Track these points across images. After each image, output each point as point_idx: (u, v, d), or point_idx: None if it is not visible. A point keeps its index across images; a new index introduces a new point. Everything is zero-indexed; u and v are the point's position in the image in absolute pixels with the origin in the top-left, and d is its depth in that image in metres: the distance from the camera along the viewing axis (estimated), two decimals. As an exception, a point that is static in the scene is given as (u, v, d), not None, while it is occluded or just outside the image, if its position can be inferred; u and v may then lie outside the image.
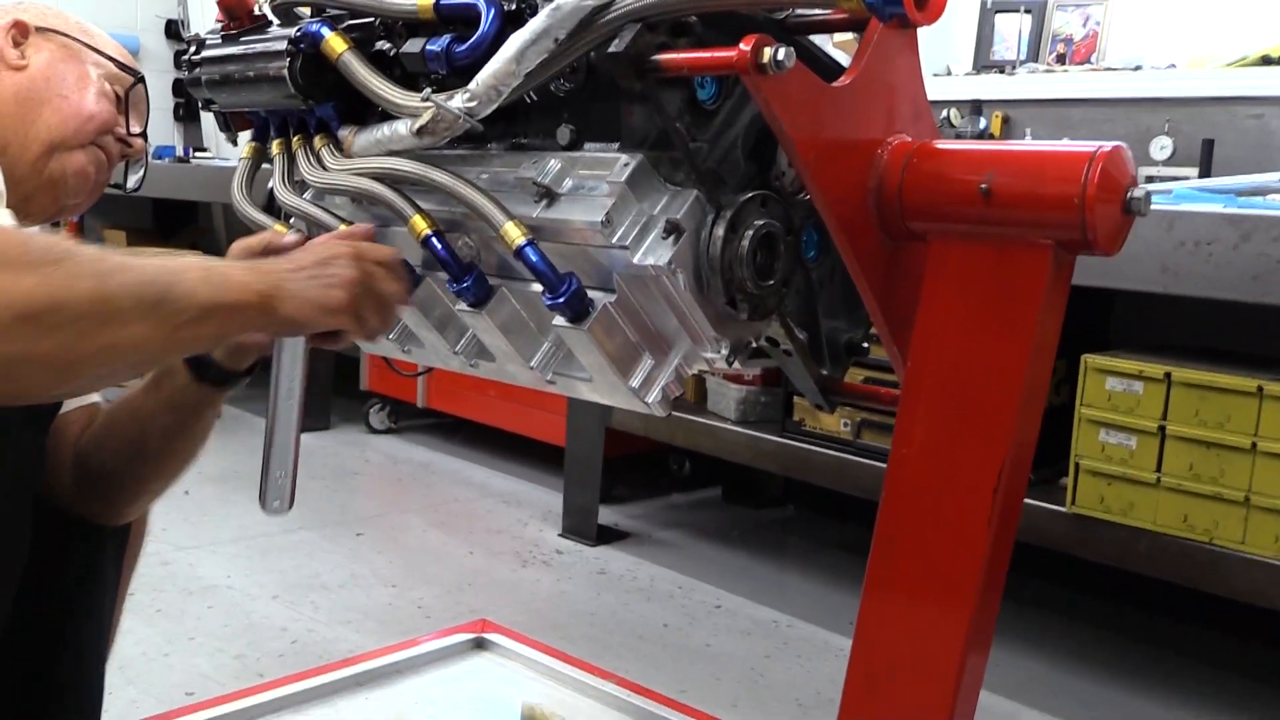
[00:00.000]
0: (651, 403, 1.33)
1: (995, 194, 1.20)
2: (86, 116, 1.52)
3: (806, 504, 4.14)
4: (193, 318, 1.05)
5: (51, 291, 0.95)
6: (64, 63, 1.54)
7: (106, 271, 1.00)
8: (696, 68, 1.20)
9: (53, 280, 0.95)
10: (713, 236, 1.26)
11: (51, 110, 1.50)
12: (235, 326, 1.12)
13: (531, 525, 3.88)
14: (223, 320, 1.09)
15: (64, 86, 1.52)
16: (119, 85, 1.59)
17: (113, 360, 1.00)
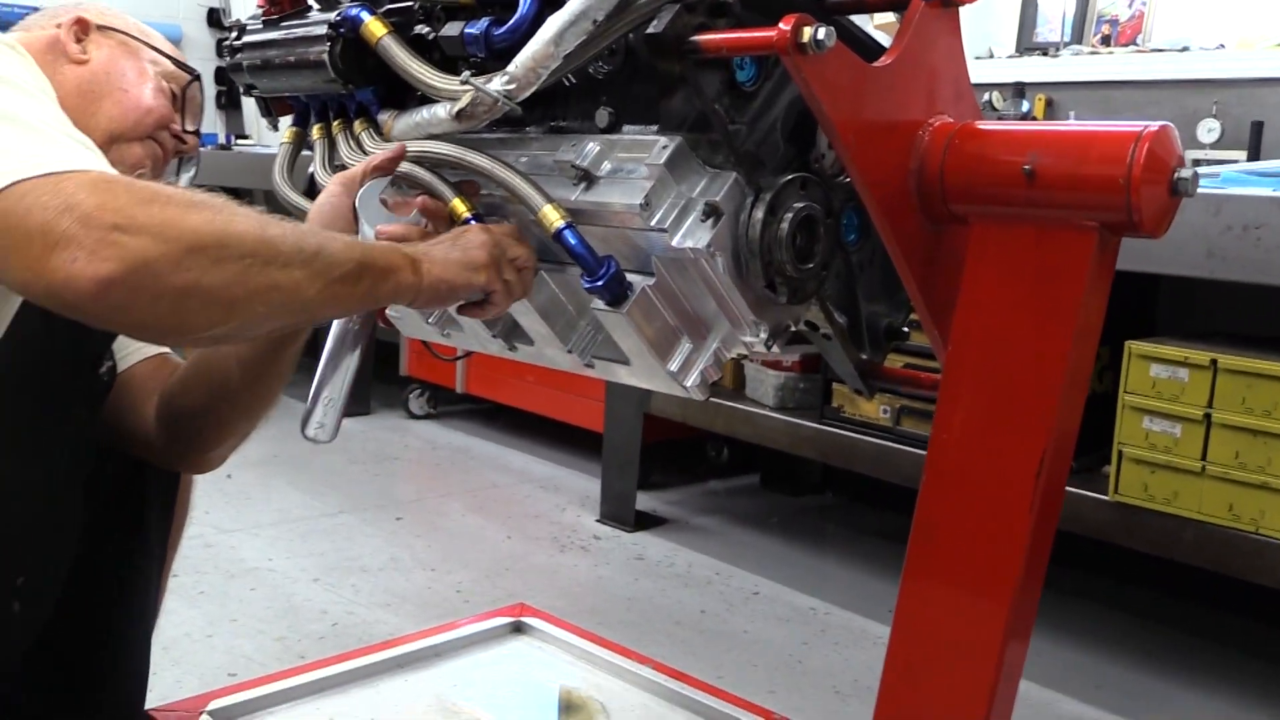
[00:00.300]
0: (690, 386, 1.33)
1: (1039, 175, 1.19)
2: (145, 110, 1.56)
3: (845, 491, 4.13)
4: (348, 273, 1.10)
5: (220, 228, 1.00)
6: (124, 58, 1.58)
7: (265, 221, 1.06)
8: (735, 48, 1.19)
9: (219, 218, 1.01)
10: (752, 219, 1.25)
11: (112, 103, 1.53)
12: (386, 288, 1.16)
13: (569, 510, 3.89)
14: (375, 279, 1.14)
15: (124, 81, 1.56)
16: (175, 83, 1.63)
17: (271, 301, 1.04)
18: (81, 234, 0.95)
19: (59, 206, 0.96)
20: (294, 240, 1.07)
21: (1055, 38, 4.24)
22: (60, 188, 0.97)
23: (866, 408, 3.06)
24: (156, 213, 0.98)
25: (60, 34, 1.54)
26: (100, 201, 0.97)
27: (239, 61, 1.57)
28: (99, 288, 0.95)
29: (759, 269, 1.25)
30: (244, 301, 1.02)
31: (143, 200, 0.98)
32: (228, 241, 1.01)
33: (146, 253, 0.96)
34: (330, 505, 3.83)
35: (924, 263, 1.32)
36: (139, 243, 0.96)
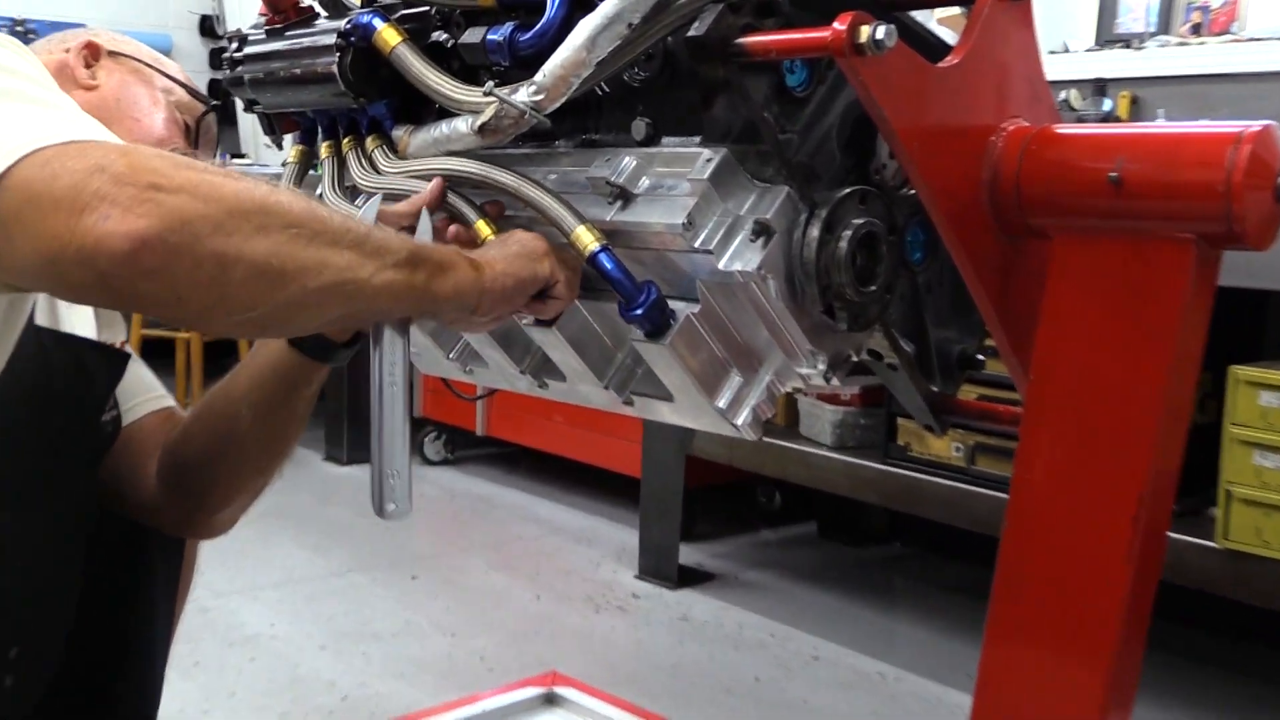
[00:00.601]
0: (741, 425, 1.34)
1: (1127, 182, 1.19)
2: (158, 140, 1.60)
3: (914, 540, 4.11)
4: (402, 260, 1.11)
5: (264, 195, 1.02)
6: (136, 85, 1.63)
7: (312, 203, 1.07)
8: (786, 50, 1.21)
9: (260, 188, 1.03)
10: (807, 238, 1.26)
11: (123, 131, 1.56)
12: (446, 286, 1.17)
13: (604, 566, 3.90)
14: (432, 271, 1.15)
15: (135, 109, 1.61)
16: (189, 114, 1.68)
17: (324, 280, 1.05)
18: (115, 191, 0.95)
19: (89, 168, 0.96)
20: (342, 220, 1.08)
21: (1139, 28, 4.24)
22: (87, 151, 0.98)
23: (937, 446, 3.05)
24: (194, 176, 0.99)
25: (69, 58, 1.58)
26: (133, 162, 0.98)
27: (239, 75, 1.61)
28: (134, 246, 0.95)
29: (815, 293, 1.27)
30: (293, 275, 1.03)
31: (178, 164, 1.00)
32: (271, 209, 1.02)
33: (185, 210, 0.97)
34: (338, 564, 3.86)
35: (1000, 282, 1.33)
36: (177, 200, 0.96)
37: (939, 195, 1.25)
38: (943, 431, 1.56)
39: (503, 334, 1.52)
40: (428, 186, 1.40)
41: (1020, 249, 1.32)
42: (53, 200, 0.96)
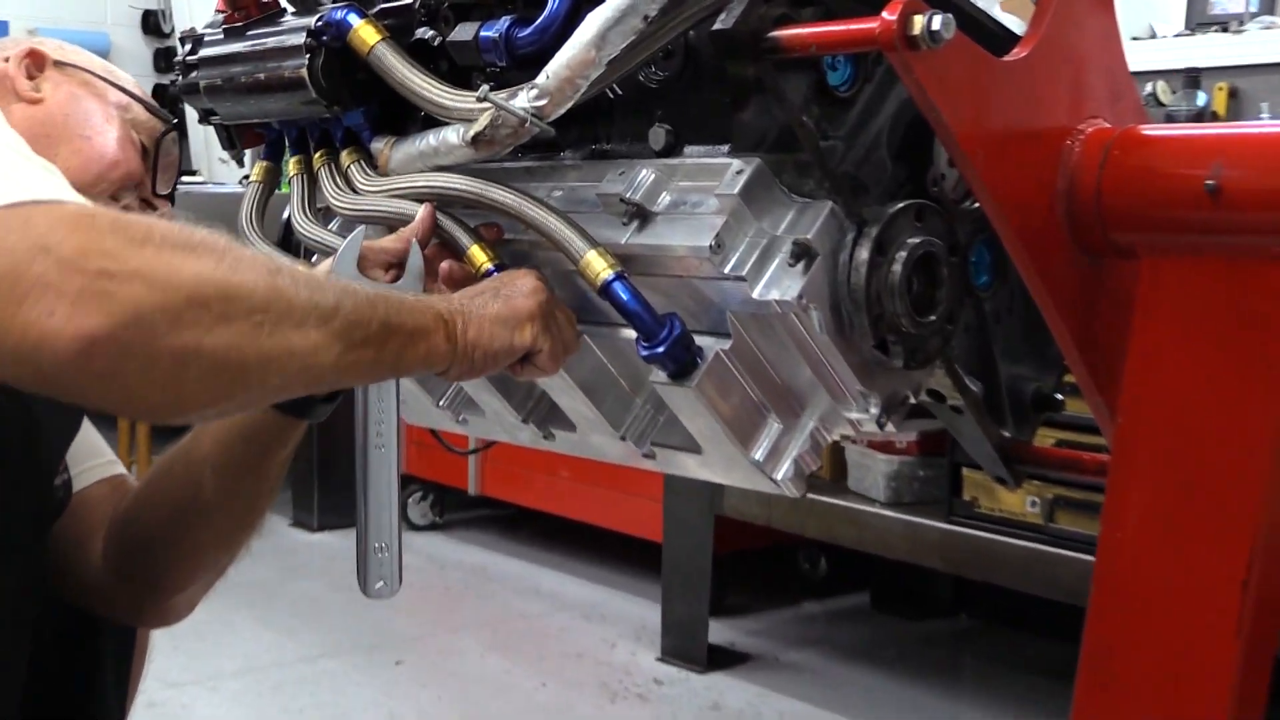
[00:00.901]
0: (781, 480, 1.34)
1: (1225, 191, 1.20)
2: (110, 162, 1.61)
3: (984, 612, 4.09)
4: (371, 335, 1.14)
5: (225, 277, 1.04)
6: (87, 100, 1.63)
7: (278, 268, 1.09)
8: (827, 45, 1.22)
9: (223, 265, 1.05)
10: (854, 261, 1.27)
11: (71, 151, 1.58)
12: (414, 356, 1.21)
13: (621, 647, 3.89)
14: (402, 344, 1.18)
15: (85, 126, 1.61)
16: (146, 135, 1.68)
17: (285, 368, 1.08)
18: (61, 280, 0.96)
19: (31, 246, 0.97)
20: (308, 293, 1.10)
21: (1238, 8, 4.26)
22: (31, 223, 0.99)
23: (1009, 501, 3.05)
24: (151, 256, 1.00)
25: (8, 68, 1.59)
26: (83, 241, 0.99)
27: (194, 81, 1.62)
28: (82, 347, 0.96)
29: (866, 325, 1.27)
30: (254, 368, 1.06)
31: (134, 240, 1.01)
32: (234, 294, 1.04)
33: (140, 303, 0.98)
34: (309, 648, 3.85)
35: (1080, 309, 1.33)
36: (131, 291, 0.98)
37: (1007, 209, 1.26)
38: (1016, 484, 1.56)
39: (501, 378, 1.53)
40: (416, 212, 1.42)
41: (1103, 270, 1.33)
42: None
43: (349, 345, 1.12)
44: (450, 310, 1.24)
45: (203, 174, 6.40)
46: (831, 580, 4.28)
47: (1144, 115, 1.39)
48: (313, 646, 3.85)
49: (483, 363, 1.27)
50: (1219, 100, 3.93)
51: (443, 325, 1.22)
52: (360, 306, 1.14)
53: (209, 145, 6.36)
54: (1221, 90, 3.94)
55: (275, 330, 1.06)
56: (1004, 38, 1.36)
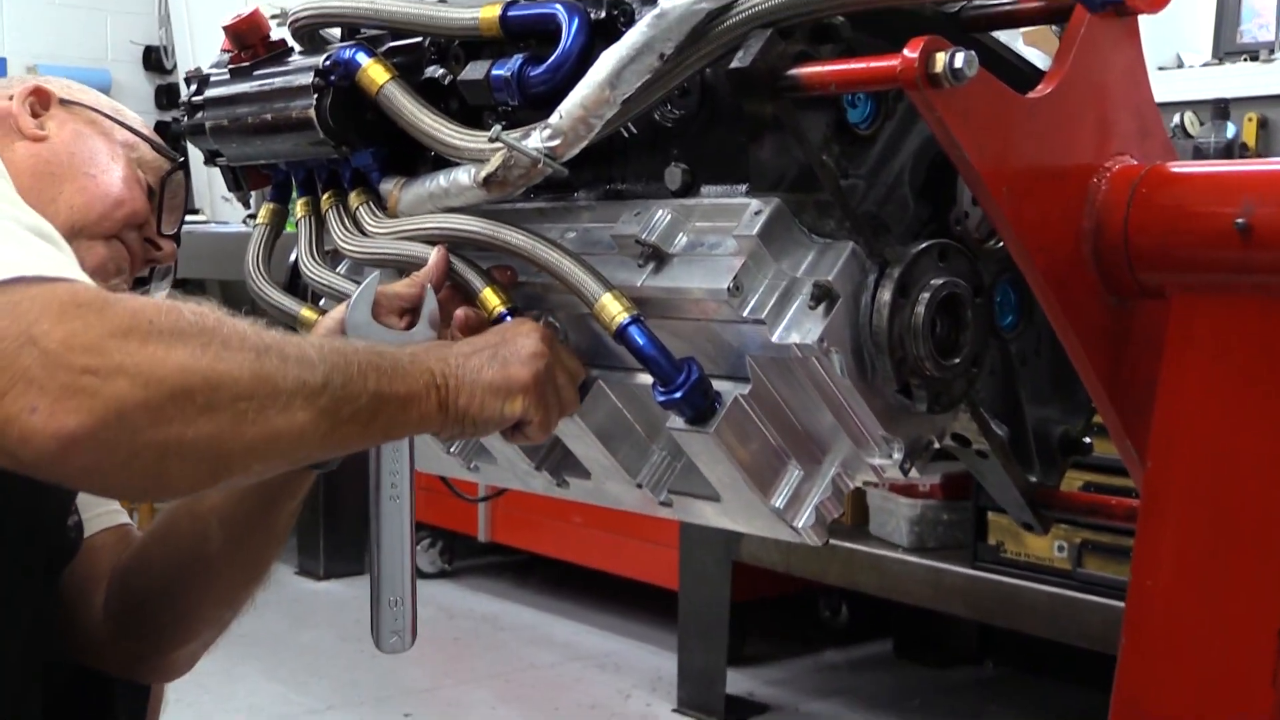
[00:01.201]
0: (802, 528, 1.34)
1: (1257, 230, 1.20)
2: (114, 201, 1.62)
3: (1010, 660, 4.07)
4: (360, 409, 1.16)
5: (209, 365, 1.06)
6: (92, 138, 1.65)
7: (265, 347, 1.11)
8: (847, 83, 1.23)
9: (208, 352, 1.07)
10: (877, 303, 1.27)
11: (75, 189, 1.59)
12: (404, 424, 1.24)
13: (636, 698, 3.88)
14: (392, 415, 1.21)
15: (91, 164, 1.62)
16: (152, 174, 1.69)
17: (269, 453, 1.11)
18: (44, 376, 0.99)
19: (17, 336, 1.00)
20: (296, 371, 1.12)
21: (1268, 36, 4.26)
22: (18, 309, 1.01)
23: (1036, 546, 3.04)
24: (135, 349, 1.03)
25: (13, 105, 1.61)
26: (68, 333, 1.01)
27: (200, 122, 1.64)
28: (62, 446, 0.99)
29: (889, 368, 1.28)
30: (235, 456, 1.08)
31: (119, 331, 1.03)
32: (220, 382, 1.06)
33: (122, 401, 1.01)
34: (316, 700, 3.85)
35: (1107, 350, 1.33)
36: (114, 388, 1.01)
37: (1032, 249, 1.27)
38: (1044, 529, 1.56)
39: (514, 423, 1.53)
40: (426, 254, 1.42)
41: (1131, 311, 1.33)
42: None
43: (337, 422, 1.14)
44: (445, 372, 1.25)
45: (206, 213, 6.41)
46: (853, 628, 4.26)
47: (1172, 152, 1.40)
48: (320, 699, 3.84)
49: (473, 430, 1.30)
50: (1248, 131, 3.93)
51: (435, 391, 1.24)
52: (351, 380, 1.16)
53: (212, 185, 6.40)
54: (1251, 121, 3.94)
55: (260, 416, 1.08)
56: (1028, 74, 1.37)
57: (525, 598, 4.83)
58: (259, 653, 4.19)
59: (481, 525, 4.85)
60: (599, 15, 1.37)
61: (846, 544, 3.39)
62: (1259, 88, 4.01)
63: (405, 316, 1.41)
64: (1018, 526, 1.57)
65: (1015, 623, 3.11)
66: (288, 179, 1.66)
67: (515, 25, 1.40)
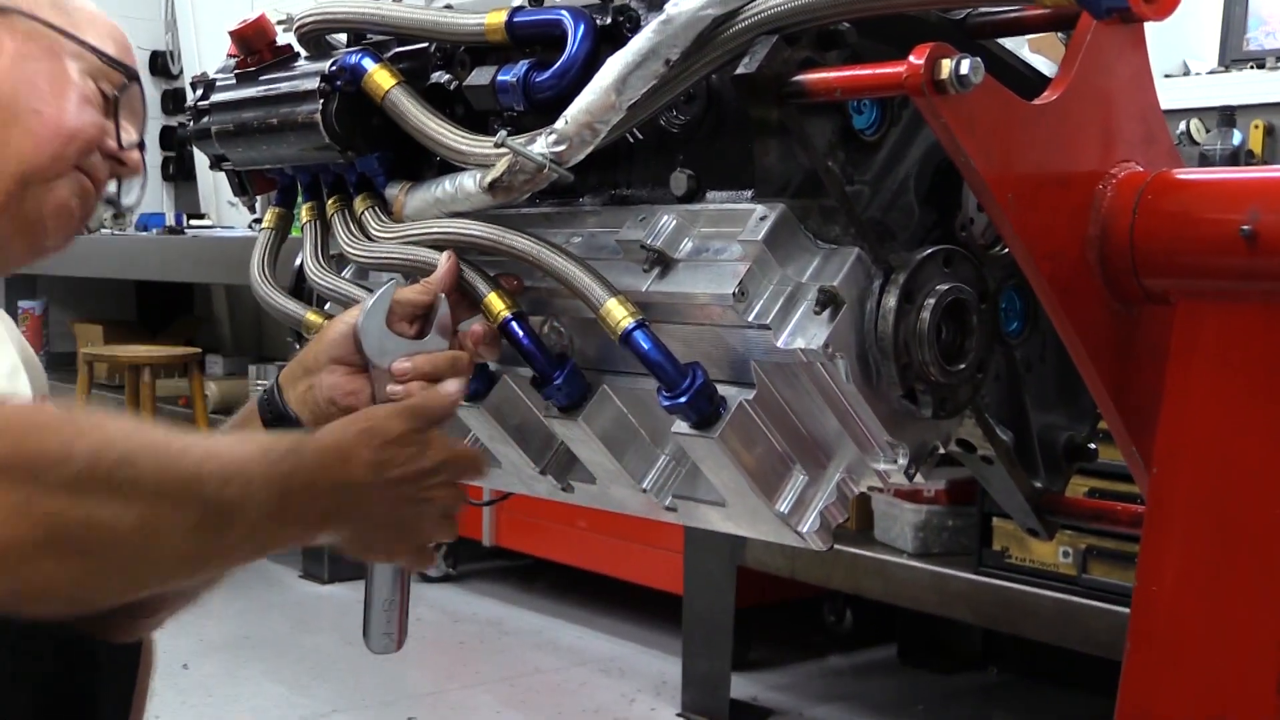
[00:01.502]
0: (806, 533, 1.34)
1: (1263, 237, 1.20)
2: (67, 137, 1.49)
3: (1015, 665, 4.07)
4: (240, 540, 1.18)
5: (89, 513, 1.05)
6: (34, 60, 1.49)
7: (158, 482, 1.10)
8: (853, 89, 1.23)
9: (87, 496, 1.05)
10: (882, 309, 1.27)
11: (22, 132, 1.47)
12: (288, 547, 1.28)
13: (641, 702, 3.87)
14: (274, 546, 1.24)
15: (36, 97, 1.48)
16: (108, 82, 1.55)
17: (139, 590, 1.14)
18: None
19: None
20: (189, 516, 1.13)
21: (1274, 44, 4.26)
22: None
23: (1041, 551, 3.04)
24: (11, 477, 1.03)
25: None
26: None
27: (206, 127, 1.64)
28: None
29: (894, 374, 1.28)
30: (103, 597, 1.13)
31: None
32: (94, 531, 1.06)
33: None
34: (320, 702, 3.85)
35: (1114, 357, 1.33)
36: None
37: (1038, 255, 1.27)
38: (1049, 535, 1.56)
39: (518, 427, 1.53)
40: (432, 259, 1.43)
41: (1137, 317, 1.33)
42: None
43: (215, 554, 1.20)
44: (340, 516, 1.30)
45: (211, 218, 6.43)
46: (857, 633, 4.26)
47: (1177, 159, 1.40)
48: (324, 702, 3.84)
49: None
50: (1254, 138, 3.93)
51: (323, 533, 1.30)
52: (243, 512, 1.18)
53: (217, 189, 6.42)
54: (1257, 128, 3.94)
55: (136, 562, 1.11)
56: (1034, 80, 1.37)
57: (530, 602, 4.83)
58: (263, 655, 4.19)
59: (486, 530, 4.86)
60: (605, 21, 1.37)
61: (851, 549, 3.39)
62: (1265, 95, 4.01)
63: (416, 323, 1.41)
64: (1023, 532, 1.57)
65: (1020, 628, 3.10)
66: (293, 184, 1.66)
67: (521, 31, 1.41)
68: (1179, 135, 3.75)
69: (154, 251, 5.52)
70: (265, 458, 1.22)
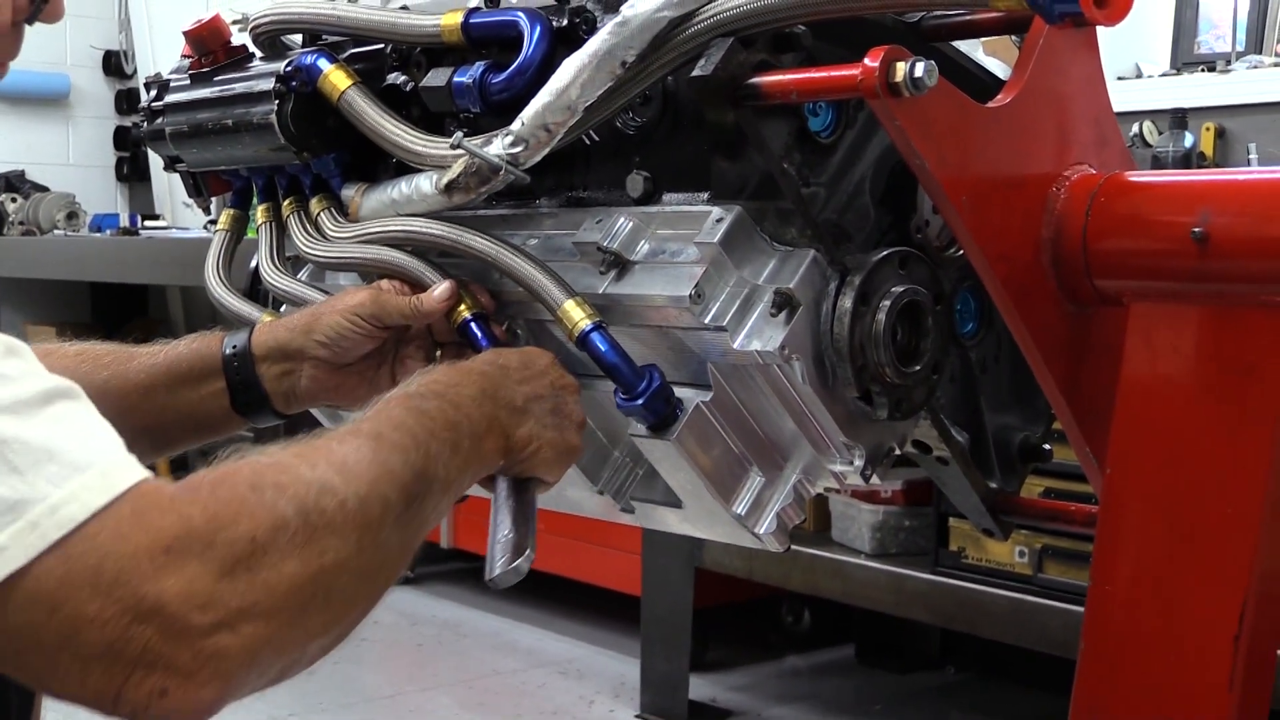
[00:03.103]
0: (763, 534, 1.34)
1: (1213, 239, 1.21)
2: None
3: (971, 664, 4.09)
4: (441, 500, 1.16)
5: (320, 564, 0.99)
6: None
7: (363, 498, 1.04)
8: (808, 92, 1.24)
9: (315, 546, 0.99)
10: (838, 310, 1.28)
11: None
12: (471, 481, 1.24)
13: (599, 704, 3.87)
14: (465, 482, 1.22)
15: None
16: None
17: (378, 597, 1.08)
18: (167, 652, 0.90)
19: (122, 612, 0.90)
20: (392, 502, 1.07)
21: (1224, 47, 4.30)
22: (100, 576, 0.90)
23: (997, 551, 3.05)
24: (249, 586, 0.94)
25: None
26: (176, 593, 0.91)
27: (160, 128, 1.63)
28: (201, 715, 0.93)
29: (850, 375, 1.28)
30: (348, 626, 1.05)
31: (227, 569, 0.93)
32: (333, 578, 1.00)
33: (251, 651, 0.94)
34: (277, 707, 3.82)
35: (1067, 358, 1.34)
36: (243, 640, 0.93)
37: (992, 257, 1.27)
38: (1004, 535, 1.56)
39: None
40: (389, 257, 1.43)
41: (1090, 319, 1.34)
42: (81, 659, 0.90)
43: (420, 527, 1.13)
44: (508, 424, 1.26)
45: (166, 219, 6.39)
46: (815, 634, 4.26)
47: (1130, 161, 1.41)
48: (281, 706, 3.82)
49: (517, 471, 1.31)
50: (1206, 140, 3.96)
51: (501, 445, 1.26)
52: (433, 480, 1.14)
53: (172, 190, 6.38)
54: (1209, 130, 3.97)
55: (370, 583, 1.06)
56: (988, 83, 1.38)
57: (488, 604, 4.82)
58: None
59: (444, 531, 4.84)
60: (561, 23, 1.37)
61: (809, 550, 3.39)
62: (1216, 98, 4.04)
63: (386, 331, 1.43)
64: (979, 532, 1.58)
65: (976, 628, 3.12)
66: (248, 185, 1.65)
67: (477, 32, 1.41)
68: (1132, 137, 3.78)
69: (108, 252, 5.48)
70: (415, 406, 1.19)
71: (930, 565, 3.18)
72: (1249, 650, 1.22)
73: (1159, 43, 4.42)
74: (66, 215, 6.09)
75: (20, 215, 6.13)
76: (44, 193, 6.31)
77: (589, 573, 4.35)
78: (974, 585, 3.07)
